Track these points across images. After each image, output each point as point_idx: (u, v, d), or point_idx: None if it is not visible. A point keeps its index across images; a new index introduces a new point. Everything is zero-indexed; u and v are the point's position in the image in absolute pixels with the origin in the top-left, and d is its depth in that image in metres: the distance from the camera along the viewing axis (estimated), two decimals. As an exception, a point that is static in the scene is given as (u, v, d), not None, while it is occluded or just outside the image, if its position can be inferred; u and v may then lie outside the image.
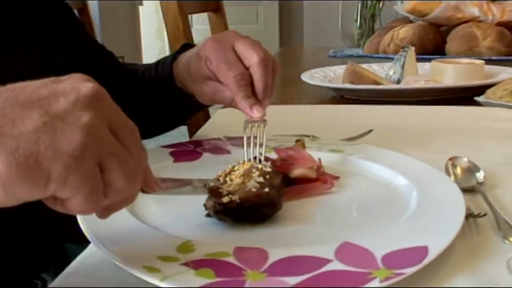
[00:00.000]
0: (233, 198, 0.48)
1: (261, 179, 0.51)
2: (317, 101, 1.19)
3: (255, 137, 0.60)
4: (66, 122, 0.34)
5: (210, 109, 1.36)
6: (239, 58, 0.63)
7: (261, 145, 0.60)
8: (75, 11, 1.32)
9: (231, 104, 0.66)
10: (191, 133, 1.16)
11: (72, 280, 0.42)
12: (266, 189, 0.50)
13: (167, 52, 3.42)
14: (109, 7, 3.72)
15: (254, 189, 0.50)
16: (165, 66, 0.77)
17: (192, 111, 0.85)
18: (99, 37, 1.98)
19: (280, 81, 1.53)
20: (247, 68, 0.63)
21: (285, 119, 0.97)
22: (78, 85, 0.36)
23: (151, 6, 4.69)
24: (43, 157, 0.32)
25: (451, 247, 0.45)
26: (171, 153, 0.69)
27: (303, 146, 0.63)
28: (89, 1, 1.69)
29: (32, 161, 0.32)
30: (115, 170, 0.35)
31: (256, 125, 0.61)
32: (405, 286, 0.40)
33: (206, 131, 0.90)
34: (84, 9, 1.62)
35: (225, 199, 0.48)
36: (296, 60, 2.13)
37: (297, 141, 0.64)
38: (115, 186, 0.36)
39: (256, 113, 0.62)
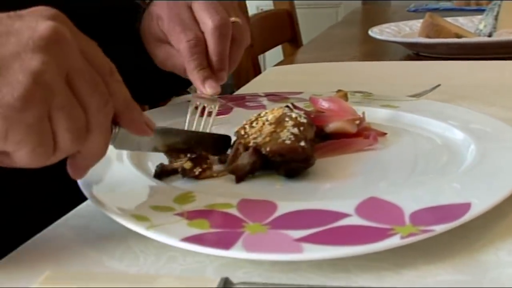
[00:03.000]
0: (263, 149, 0.49)
1: (295, 130, 0.50)
2: (389, 60, 1.16)
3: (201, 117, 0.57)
4: (11, 68, 0.33)
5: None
6: (195, 20, 0.60)
7: (206, 128, 0.57)
8: None
9: (183, 73, 0.62)
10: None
11: (60, 231, 0.43)
12: (302, 143, 0.49)
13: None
14: None
15: (288, 141, 0.49)
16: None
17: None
18: None
19: (350, 40, 1.52)
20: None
21: (345, 77, 0.95)
22: (35, 24, 0.35)
23: None
24: None
25: (507, 209, 0.43)
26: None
27: (345, 97, 0.61)
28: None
29: None
30: (61, 125, 0.35)
31: (205, 103, 0.58)
32: (441, 247, 0.38)
33: (250, 89, 0.90)
34: None
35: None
36: (379, 17, 2.08)
37: (338, 91, 0.62)
38: (60, 143, 0.36)
39: (208, 88, 0.58)
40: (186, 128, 0.57)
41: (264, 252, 0.35)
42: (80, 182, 0.46)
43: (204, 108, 0.58)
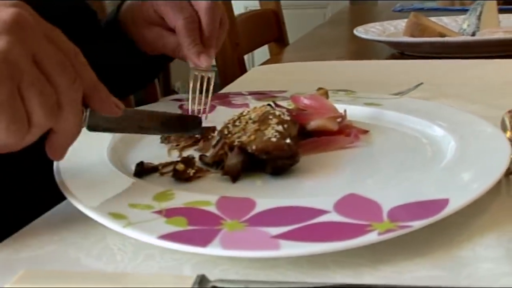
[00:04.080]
0: (249, 147, 0.49)
1: (280, 128, 0.50)
2: (374, 59, 1.16)
3: (201, 88, 0.63)
4: None
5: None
6: (189, 1, 0.64)
7: (207, 96, 0.62)
8: None
9: (173, 52, 0.67)
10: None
11: (38, 230, 0.43)
12: (288, 140, 0.49)
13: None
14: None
15: (274, 139, 0.48)
16: (111, 12, 0.76)
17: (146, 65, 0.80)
18: None
19: (336, 40, 1.51)
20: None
21: (330, 76, 0.95)
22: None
23: None
24: None
25: (485, 205, 0.43)
26: (181, 107, 0.69)
27: (326, 95, 0.61)
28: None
29: None
30: (33, 101, 0.36)
31: (203, 74, 0.63)
32: (419, 243, 0.38)
33: (235, 88, 0.89)
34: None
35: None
36: (365, 17, 2.09)
37: (319, 89, 0.62)
38: (34, 119, 0.37)
39: (203, 61, 0.63)
40: (189, 98, 0.62)
41: (241, 249, 0.35)
42: (58, 180, 0.45)
43: (202, 77, 0.64)
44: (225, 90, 0.87)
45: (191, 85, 0.62)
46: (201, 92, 0.63)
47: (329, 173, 0.51)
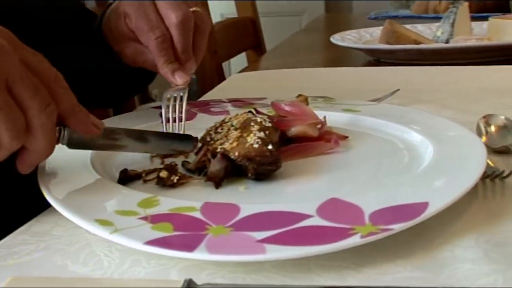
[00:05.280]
0: (232, 154, 0.49)
1: (261, 134, 0.51)
2: (350, 66, 1.17)
3: (174, 111, 0.61)
4: None
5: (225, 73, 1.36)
6: (161, 17, 0.63)
7: (180, 119, 0.60)
8: None
9: (154, 68, 0.65)
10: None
11: (23, 238, 0.43)
12: (270, 146, 0.49)
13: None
14: None
15: (256, 145, 0.49)
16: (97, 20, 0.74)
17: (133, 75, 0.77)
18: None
19: (312, 47, 1.53)
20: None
21: (308, 83, 0.96)
22: None
23: None
24: None
25: (463, 207, 0.44)
26: (161, 114, 0.69)
27: (306, 101, 0.62)
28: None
29: None
30: (0, 126, 0.38)
31: (174, 95, 0.61)
32: (400, 245, 0.39)
33: (214, 95, 0.90)
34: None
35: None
36: (340, 25, 2.11)
37: (298, 95, 0.63)
38: (1, 141, 0.39)
39: (178, 79, 0.62)
40: (163, 120, 0.61)
41: (227, 253, 0.35)
42: (43, 188, 0.45)
43: (175, 98, 0.62)
44: (204, 97, 0.87)
45: (163, 110, 0.60)
46: (175, 111, 0.61)
47: (310, 178, 0.52)
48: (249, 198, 0.47)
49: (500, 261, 0.37)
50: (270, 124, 0.53)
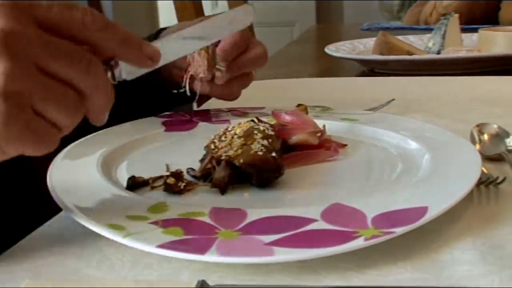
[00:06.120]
0: (236, 161, 0.50)
1: (265, 142, 0.52)
2: (344, 76, 1.19)
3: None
4: None
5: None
6: None
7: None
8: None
9: None
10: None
11: (36, 242, 0.44)
12: (273, 154, 0.51)
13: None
14: (125, 2, 3.74)
15: (260, 153, 0.51)
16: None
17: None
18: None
19: (307, 57, 1.55)
20: None
21: (304, 93, 0.98)
22: None
23: (171, 1, 4.69)
24: None
25: (460, 212, 0.46)
26: (164, 123, 0.71)
27: (305, 111, 0.64)
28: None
29: None
30: (53, 113, 0.35)
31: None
32: (401, 248, 0.40)
33: (213, 105, 0.91)
34: (96, 5, 1.66)
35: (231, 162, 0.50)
36: (331, 35, 2.13)
37: (298, 105, 0.65)
38: (61, 124, 0.36)
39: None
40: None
41: (237, 256, 0.37)
42: (54, 195, 0.47)
43: None
44: (203, 107, 0.89)
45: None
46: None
47: (312, 185, 0.53)
48: (254, 203, 0.48)
49: (496, 263, 0.38)
50: (272, 133, 0.55)
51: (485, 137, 0.63)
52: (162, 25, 4.52)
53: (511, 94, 0.90)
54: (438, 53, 1.25)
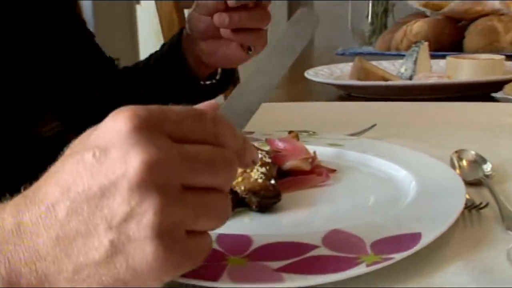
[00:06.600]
0: (237, 188, 0.52)
1: (263, 170, 0.54)
2: (323, 100, 1.21)
3: None
4: (131, 234, 0.30)
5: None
6: None
7: None
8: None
9: (230, 62, 0.77)
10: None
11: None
12: (272, 181, 0.53)
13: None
14: (104, 6, 3.76)
15: (260, 180, 0.52)
16: (172, 39, 0.82)
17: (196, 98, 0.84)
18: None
19: (286, 81, 1.56)
20: None
21: (287, 116, 0.99)
22: (125, 163, 0.31)
23: (150, 5, 4.70)
24: (128, 281, 0.31)
25: (448, 237, 0.47)
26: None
27: (297, 138, 0.65)
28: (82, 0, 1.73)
29: (119, 284, 0.31)
30: (205, 224, 0.33)
31: None
32: (398, 272, 0.41)
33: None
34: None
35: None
36: (305, 59, 2.16)
37: (290, 132, 0.66)
38: (211, 228, 0.34)
39: None
40: None
41: (249, 282, 0.38)
42: None
43: None
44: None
45: None
46: None
47: (307, 209, 0.55)
48: (256, 228, 0.50)
49: (486, 286, 0.40)
50: (269, 160, 0.56)
51: (464, 163, 0.65)
52: (140, 25, 4.53)
53: (481, 119, 0.93)
54: (410, 78, 1.29)
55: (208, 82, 0.79)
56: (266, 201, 0.52)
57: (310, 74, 1.25)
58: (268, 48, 0.52)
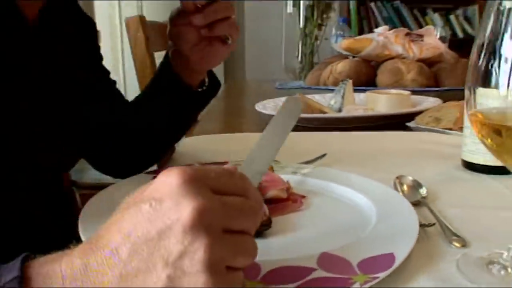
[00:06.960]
0: None
1: None
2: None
3: None
4: (186, 268, 0.32)
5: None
6: None
7: None
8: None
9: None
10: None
11: None
12: (266, 210, 0.53)
13: (122, 87, 3.33)
14: None
15: None
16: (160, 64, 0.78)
17: (194, 107, 0.81)
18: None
19: (231, 112, 1.56)
20: None
21: (239, 146, 0.99)
22: (179, 210, 0.32)
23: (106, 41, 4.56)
24: None
25: (411, 252, 0.49)
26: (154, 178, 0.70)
27: (272, 169, 0.66)
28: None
29: None
30: (240, 262, 0.35)
31: None
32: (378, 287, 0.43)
33: (175, 163, 0.90)
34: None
35: None
36: (244, 92, 2.17)
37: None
38: (243, 265, 0.36)
39: None
40: None
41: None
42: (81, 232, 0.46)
43: None
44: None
45: None
46: None
47: (292, 234, 0.55)
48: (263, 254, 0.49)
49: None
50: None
51: (405, 187, 0.69)
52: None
53: (403, 146, 0.97)
54: (340, 109, 1.33)
55: (199, 90, 0.78)
56: (259, 228, 0.52)
57: (260, 107, 1.26)
58: (267, 129, 0.57)
